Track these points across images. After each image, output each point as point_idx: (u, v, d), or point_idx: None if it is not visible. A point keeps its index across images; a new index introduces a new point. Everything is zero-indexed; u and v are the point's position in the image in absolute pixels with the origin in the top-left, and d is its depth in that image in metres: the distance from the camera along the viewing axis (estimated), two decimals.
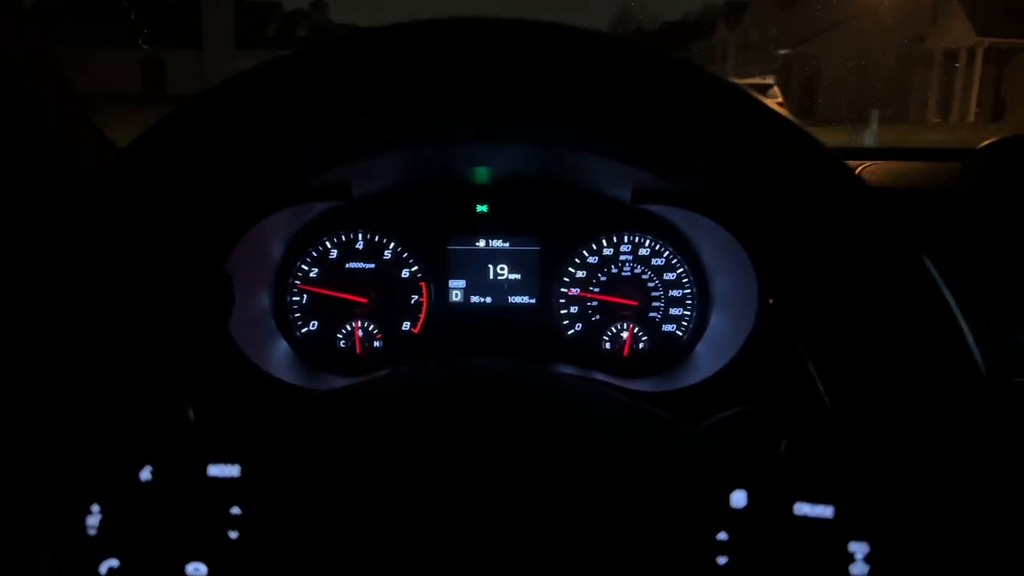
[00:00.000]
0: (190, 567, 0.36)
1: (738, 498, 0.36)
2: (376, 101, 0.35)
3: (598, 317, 1.06)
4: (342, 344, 1.04)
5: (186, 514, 0.36)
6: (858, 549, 0.35)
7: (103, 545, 0.36)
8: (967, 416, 0.34)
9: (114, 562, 0.36)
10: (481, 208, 1.06)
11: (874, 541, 0.35)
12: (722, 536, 0.36)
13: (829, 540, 0.35)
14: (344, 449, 0.37)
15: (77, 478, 0.36)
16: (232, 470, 0.37)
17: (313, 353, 1.03)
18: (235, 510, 0.36)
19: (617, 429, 0.38)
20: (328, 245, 1.04)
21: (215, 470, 0.37)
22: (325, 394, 0.41)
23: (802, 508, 0.36)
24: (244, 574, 0.36)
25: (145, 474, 0.37)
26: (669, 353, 1.04)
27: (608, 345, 1.05)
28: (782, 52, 29.13)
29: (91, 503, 0.36)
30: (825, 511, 0.36)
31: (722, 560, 0.35)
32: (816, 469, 0.38)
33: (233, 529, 0.36)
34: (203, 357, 0.77)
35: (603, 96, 0.35)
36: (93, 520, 0.36)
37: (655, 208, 0.98)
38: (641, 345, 1.05)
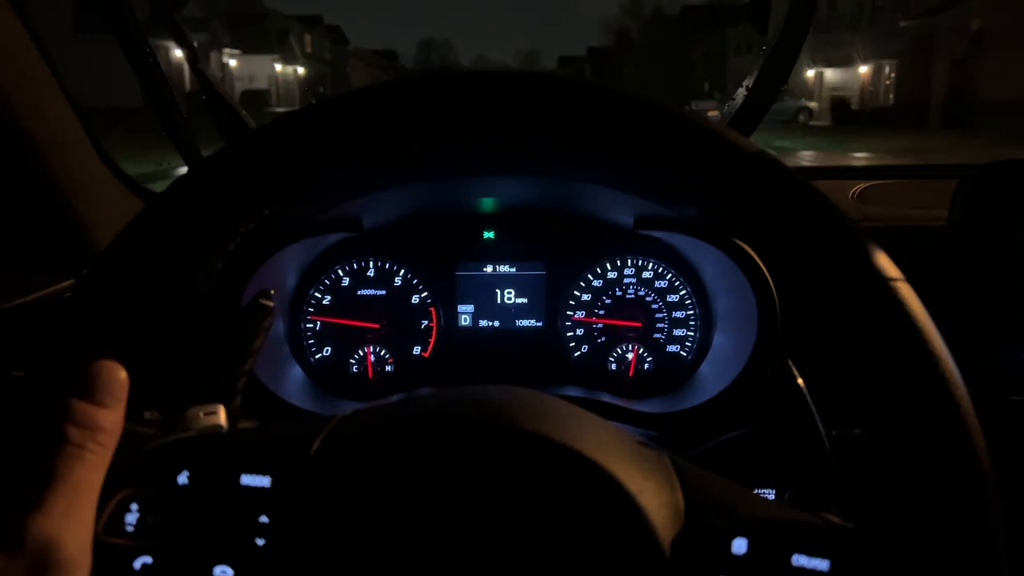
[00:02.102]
0: (217, 569, 0.38)
1: (739, 545, 0.38)
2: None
3: (603, 339, 1.08)
4: (355, 369, 1.07)
5: (217, 519, 0.39)
6: None
7: (139, 543, 0.38)
8: (950, 435, 0.35)
9: (148, 559, 0.38)
10: (488, 235, 1.09)
11: None
12: None
13: None
14: (371, 468, 0.39)
15: (119, 476, 0.38)
16: (264, 480, 0.39)
17: (327, 378, 1.06)
18: (263, 519, 0.39)
19: (622, 463, 0.39)
20: (340, 273, 1.07)
21: (248, 479, 0.39)
22: (355, 413, 0.44)
23: (799, 560, 0.37)
24: None
25: (182, 478, 0.39)
26: (674, 373, 1.07)
27: (614, 366, 1.08)
28: (905, 23, 21.05)
29: (131, 502, 0.39)
30: (821, 564, 0.37)
31: None
32: (816, 522, 0.39)
33: (260, 536, 0.38)
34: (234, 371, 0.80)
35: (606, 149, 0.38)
36: (131, 518, 0.39)
37: (657, 233, 1.01)
38: (646, 366, 1.07)
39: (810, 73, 28.72)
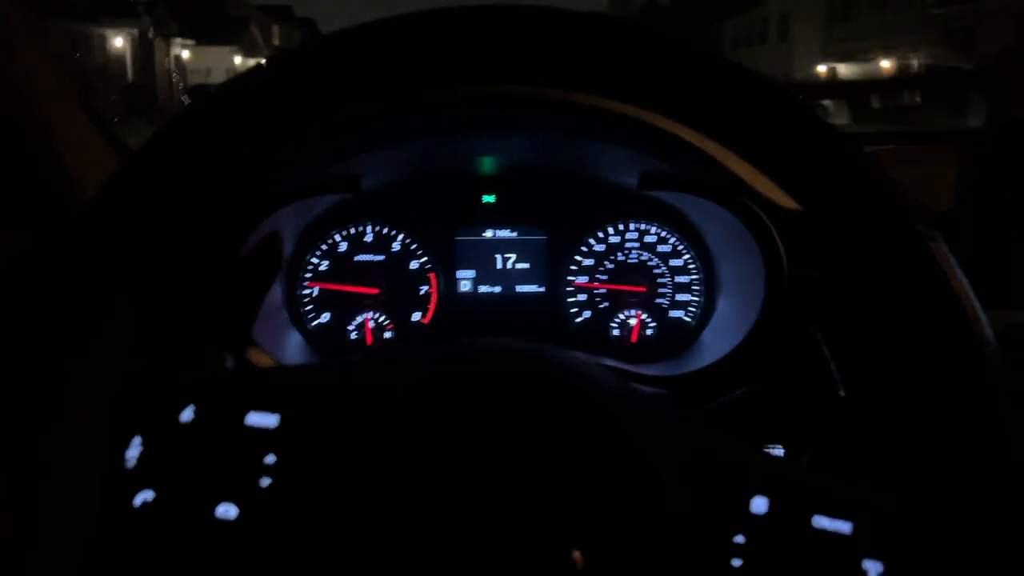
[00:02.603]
0: (220, 508, 0.37)
1: (759, 504, 0.37)
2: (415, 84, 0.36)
3: (606, 304, 1.07)
4: (353, 335, 1.06)
5: (222, 457, 0.38)
6: (872, 568, 0.36)
7: (140, 478, 0.37)
8: (976, 400, 0.34)
9: (149, 495, 0.37)
10: (488, 199, 1.07)
11: (889, 562, 0.35)
12: (739, 539, 0.36)
13: (844, 556, 0.36)
14: (380, 413, 0.38)
15: (123, 409, 0.37)
16: (271, 420, 0.38)
17: (326, 344, 1.05)
18: (269, 459, 0.37)
19: (648, 425, 0.38)
20: (337, 238, 1.05)
21: (254, 418, 0.38)
22: (365, 359, 0.42)
23: (821, 521, 0.36)
24: (273, 520, 0.37)
25: (187, 415, 0.38)
26: (677, 339, 1.05)
27: (616, 332, 1.06)
28: (939, 11, 17.93)
29: (133, 436, 0.37)
30: (843, 527, 0.36)
31: (737, 562, 0.36)
32: (838, 484, 0.38)
33: (266, 476, 0.37)
34: (241, 312, 0.77)
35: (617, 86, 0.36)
36: (133, 453, 0.37)
37: (661, 195, 0.99)
38: (649, 331, 1.06)
39: (822, 68, 26.34)
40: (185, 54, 32.09)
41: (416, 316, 1.07)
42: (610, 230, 1.06)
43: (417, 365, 0.40)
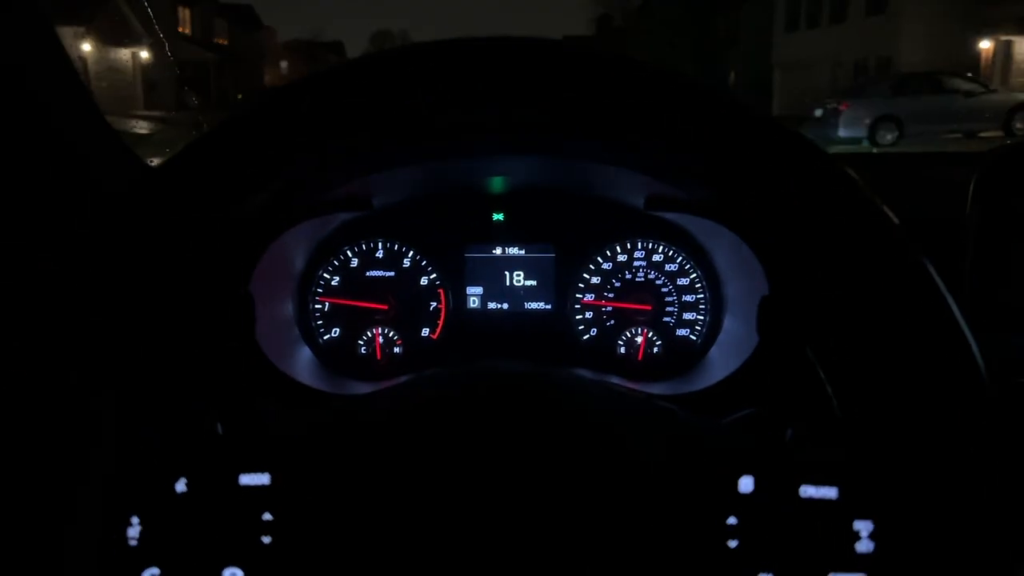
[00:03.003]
0: (227, 572, 0.38)
1: (745, 484, 0.38)
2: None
3: (613, 322, 1.08)
4: (363, 351, 1.07)
5: (221, 522, 0.39)
6: (863, 527, 0.37)
7: (144, 555, 0.38)
8: (967, 413, 0.35)
9: (155, 570, 0.38)
10: (497, 217, 1.09)
11: (878, 518, 0.37)
12: (732, 521, 0.38)
13: (835, 520, 0.37)
14: (367, 453, 0.39)
15: (117, 492, 0.38)
16: (262, 478, 0.39)
17: (336, 359, 1.06)
18: (267, 516, 0.39)
19: (626, 421, 0.40)
20: (349, 254, 1.07)
21: (247, 479, 0.39)
22: (347, 402, 0.44)
23: (807, 491, 0.38)
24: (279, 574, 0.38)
25: (180, 486, 0.39)
26: (683, 357, 1.06)
27: (623, 350, 1.07)
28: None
29: (131, 515, 0.39)
30: (829, 492, 0.38)
31: (733, 543, 0.37)
32: (820, 452, 0.40)
33: (266, 534, 0.38)
34: (230, 370, 0.79)
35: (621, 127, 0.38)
36: (133, 531, 0.38)
37: (668, 215, 1.00)
38: (655, 349, 1.07)
39: (985, 44, 17.73)
40: None
41: (425, 332, 1.08)
42: (617, 249, 1.07)
43: (396, 408, 0.42)
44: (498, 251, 1.09)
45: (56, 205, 0.88)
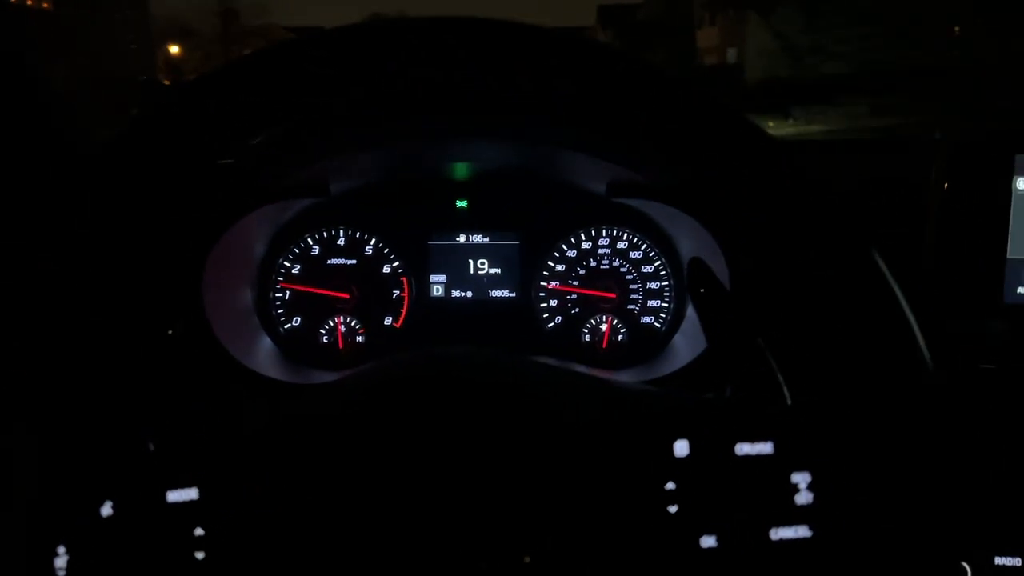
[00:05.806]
0: None
1: (680, 447, 0.38)
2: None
3: (577, 310, 1.08)
4: (325, 339, 1.05)
5: (151, 542, 0.37)
6: (801, 479, 0.37)
7: None
8: (906, 397, 0.36)
9: None
10: (461, 204, 1.08)
11: (815, 469, 0.37)
12: (670, 486, 0.37)
13: (773, 475, 0.37)
14: (297, 455, 0.38)
15: (40, 522, 0.37)
16: (190, 493, 0.38)
17: (296, 349, 1.05)
18: (198, 531, 0.37)
19: (558, 392, 0.40)
20: (310, 242, 1.05)
21: (174, 495, 0.38)
22: (274, 406, 0.43)
23: (743, 448, 0.38)
24: None
25: (106, 509, 0.38)
26: (647, 344, 1.06)
27: (588, 337, 1.07)
28: None
29: (56, 545, 0.37)
30: (765, 447, 0.38)
31: (672, 509, 0.37)
32: (752, 408, 0.40)
33: (199, 550, 0.37)
34: (171, 366, 0.77)
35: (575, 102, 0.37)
36: (60, 562, 0.37)
37: (632, 202, 1.00)
38: (620, 337, 1.07)
39: None
40: None
41: (388, 320, 1.07)
42: (582, 236, 1.07)
43: (318, 413, 0.41)
44: (462, 239, 1.08)
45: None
